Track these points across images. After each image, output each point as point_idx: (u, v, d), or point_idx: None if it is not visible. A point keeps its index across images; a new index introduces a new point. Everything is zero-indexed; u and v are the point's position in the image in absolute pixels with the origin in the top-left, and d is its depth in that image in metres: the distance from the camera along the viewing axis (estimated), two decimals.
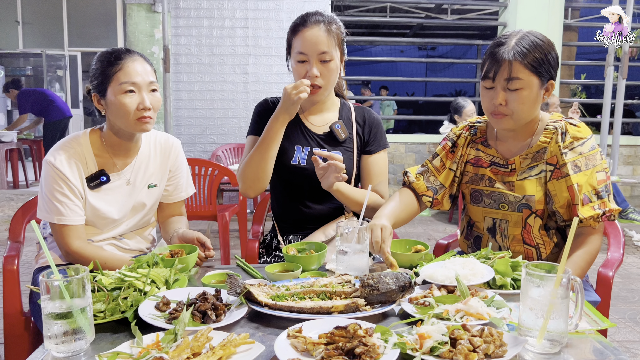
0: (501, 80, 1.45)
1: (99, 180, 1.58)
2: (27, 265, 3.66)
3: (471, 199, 1.66)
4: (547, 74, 1.46)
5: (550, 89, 1.50)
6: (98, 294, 1.12)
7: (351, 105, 1.87)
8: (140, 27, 6.03)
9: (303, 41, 1.65)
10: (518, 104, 1.45)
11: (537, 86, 1.45)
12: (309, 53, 1.64)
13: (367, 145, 1.82)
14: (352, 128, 1.82)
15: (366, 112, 1.86)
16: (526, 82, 1.43)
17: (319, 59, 1.65)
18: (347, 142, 1.80)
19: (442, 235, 4.96)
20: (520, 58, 1.42)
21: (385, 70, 16.71)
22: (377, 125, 1.84)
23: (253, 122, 1.83)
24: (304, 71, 1.67)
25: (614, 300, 3.13)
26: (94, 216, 1.59)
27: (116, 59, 1.52)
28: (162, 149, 1.73)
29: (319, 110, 1.82)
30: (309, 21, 1.66)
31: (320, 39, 1.63)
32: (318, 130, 1.80)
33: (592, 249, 1.46)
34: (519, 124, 1.51)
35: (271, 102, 1.84)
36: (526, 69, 1.42)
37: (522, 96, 1.44)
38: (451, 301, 1.10)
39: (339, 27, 1.70)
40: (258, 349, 0.94)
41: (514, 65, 1.42)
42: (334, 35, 1.66)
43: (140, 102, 1.51)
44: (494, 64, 1.45)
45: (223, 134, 6.05)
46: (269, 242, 1.90)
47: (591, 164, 1.47)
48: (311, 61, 1.65)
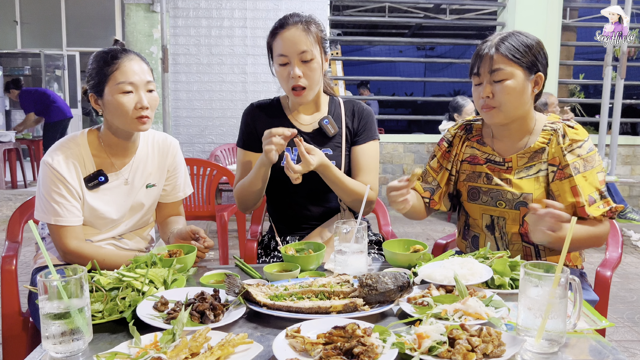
0: (486, 73, 1.50)
1: (97, 181, 1.57)
2: (25, 266, 3.65)
3: (468, 197, 1.67)
4: (532, 65, 1.49)
5: (540, 82, 1.52)
6: (96, 294, 1.12)
7: (340, 101, 1.86)
8: (139, 27, 6.03)
9: (283, 43, 1.64)
10: (504, 95, 1.48)
11: (522, 77, 1.48)
12: (289, 54, 1.64)
13: (356, 135, 1.80)
14: (342, 123, 1.81)
15: (356, 105, 1.84)
16: (509, 72, 1.47)
17: (300, 58, 1.64)
18: (337, 138, 1.79)
19: (440, 235, 4.96)
20: (502, 50, 1.47)
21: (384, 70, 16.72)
22: (367, 116, 1.82)
23: (240, 133, 1.84)
24: (286, 73, 1.65)
25: (612, 299, 3.12)
26: (93, 216, 1.59)
27: (113, 58, 1.51)
28: (160, 148, 1.72)
29: (308, 110, 1.82)
30: (287, 23, 1.65)
31: (299, 39, 1.63)
32: (307, 129, 1.79)
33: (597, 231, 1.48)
34: (509, 117, 1.53)
35: (256, 105, 1.84)
36: (507, 60, 1.47)
37: (506, 87, 1.48)
38: (449, 301, 1.10)
39: (318, 25, 1.69)
40: (256, 349, 0.94)
41: (494, 58, 1.48)
42: (313, 35, 1.65)
43: (138, 102, 1.51)
44: (477, 59, 1.52)
45: (222, 133, 6.05)
46: (267, 243, 1.89)
47: (590, 165, 1.49)
48: (292, 62, 1.64)
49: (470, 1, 7.16)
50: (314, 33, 1.65)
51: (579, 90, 8.11)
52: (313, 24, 1.67)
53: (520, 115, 1.54)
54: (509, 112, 1.51)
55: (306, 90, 1.68)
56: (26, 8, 9.54)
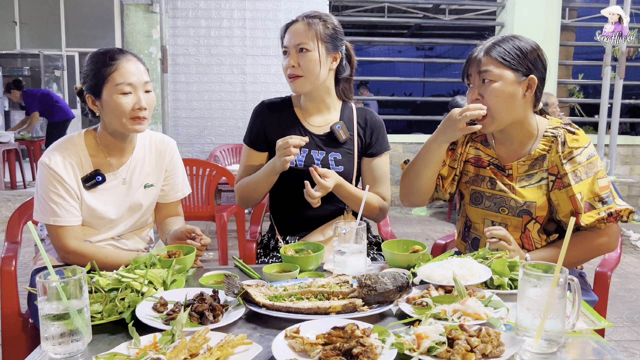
0: (475, 76, 1.49)
1: (95, 180, 1.57)
2: (25, 267, 3.65)
3: (471, 200, 1.65)
4: (523, 68, 1.45)
5: (532, 86, 1.47)
6: (95, 295, 1.12)
7: (353, 107, 1.87)
8: (138, 28, 6.03)
9: (287, 36, 1.73)
10: (492, 97, 1.45)
11: (511, 80, 1.45)
12: (289, 45, 1.71)
13: (369, 147, 1.82)
14: (354, 129, 1.82)
15: (368, 114, 1.86)
16: (497, 74, 1.45)
17: (296, 49, 1.70)
18: (348, 144, 1.80)
19: (439, 235, 4.96)
20: (492, 53, 1.46)
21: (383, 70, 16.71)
22: (379, 128, 1.84)
23: (248, 129, 1.85)
24: (285, 63, 1.73)
25: (611, 299, 3.13)
26: (91, 216, 1.59)
27: (110, 59, 1.51)
28: (158, 149, 1.73)
29: (319, 111, 1.82)
30: (296, 20, 1.73)
31: (299, 32, 1.70)
32: (318, 131, 1.80)
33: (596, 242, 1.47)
34: (502, 123, 1.49)
35: (267, 104, 1.85)
36: (495, 62, 1.45)
37: (494, 89, 1.45)
38: (449, 301, 1.10)
39: (324, 23, 1.72)
40: (256, 350, 0.94)
41: (482, 60, 1.47)
42: (314, 29, 1.69)
43: (137, 103, 1.51)
44: (467, 63, 1.52)
45: (221, 134, 6.05)
46: (267, 243, 1.90)
47: (591, 172, 1.46)
48: (290, 52, 1.71)
49: (469, 1, 7.16)
50: (315, 28, 1.69)
51: (578, 90, 8.11)
52: (318, 20, 1.71)
53: (515, 120, 1.50)
54: (499, 118, 1.47)
55: (301, 78, 1.71)
56: (25, 8, 9.53)
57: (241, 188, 1.81)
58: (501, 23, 6.59)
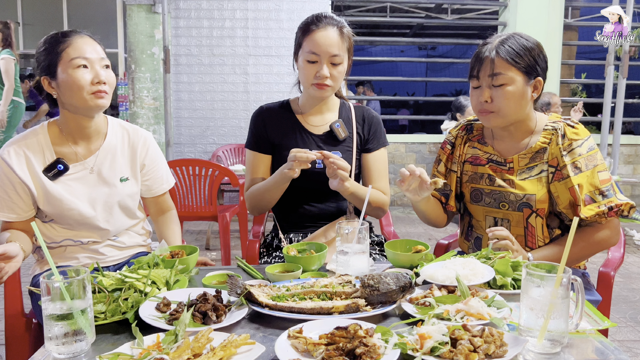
0: (485, 77, 1.48)
1: (57, 169, 1.53)
2: (28, 267, 3.66)
3: (471, 198, 1.66)
4: (533, 70, 1.48)
5: (539, 87, 1.51)
6: (99, 295, 1.12)
7: (351, 105, 1.88)
8: (141, 28, 6.03)
9: (316, 41, 1.65)
10: (503, 100, 1.47)
11: (522, 82, 1.47)
12: (321, 54, 1.65)
13: (367, 143, 1.83)
14: (352, 127, 1.83)
15: (366, 111, 1.87)
16: (509, 77, 1.46)
17: (330, 61, 1.66)
18: (347, 142, 1.81)
19: (442, 235, 4.95)
20: (502, 54, 1.46)
21: (386, 70, 16.70)
22: (376, 123, 1.86)
23: (249, 134, 1.85)
24: (313, 71, 1.67)
25: (614, 299, 3.12)
26: (61, 209, 1.54)
27: (63, 36, 1.48)
28: (131, 140, 1.68)
29: (318, 111, 1.83)
30: (322, 22, 1.67)
31: (334, 41, 1.65)
32: (317, 130, 1.80)
33: (598, 236, 1.49)
34: (507, 121, 1.52)
35: (266, 108, 1.85)
36: (508, 64, 1.45)
37: (506, 92, 1.47)
38: (451, 301, 1.10)
39: (349, 31, 1.72)
40: (258, 350, 0.94)
41: (496, 62, 1.46)
42: (346, 39, 1.69)
43: (95, 76, 1.48)
44: (477, 62, 1.50)
45: (223, 134, 6.05)
46: (270, 242, 1.90)
47: (591, 164, 1.48)
48: (322, 62, 1.66)
49: (471, 1, 7.15)
50: (346, 37, 1.69)
51: (581, 89, 8.09)
52: (346, 28, 1.71)
53: (519, 118, 1.53)
54: (507, 117, 1.50)
55: (330, 88, 1.70)
56: (28, 9, 9.55)
57: (252, 196, 1.79)
58: (503, 22, 6.58)
